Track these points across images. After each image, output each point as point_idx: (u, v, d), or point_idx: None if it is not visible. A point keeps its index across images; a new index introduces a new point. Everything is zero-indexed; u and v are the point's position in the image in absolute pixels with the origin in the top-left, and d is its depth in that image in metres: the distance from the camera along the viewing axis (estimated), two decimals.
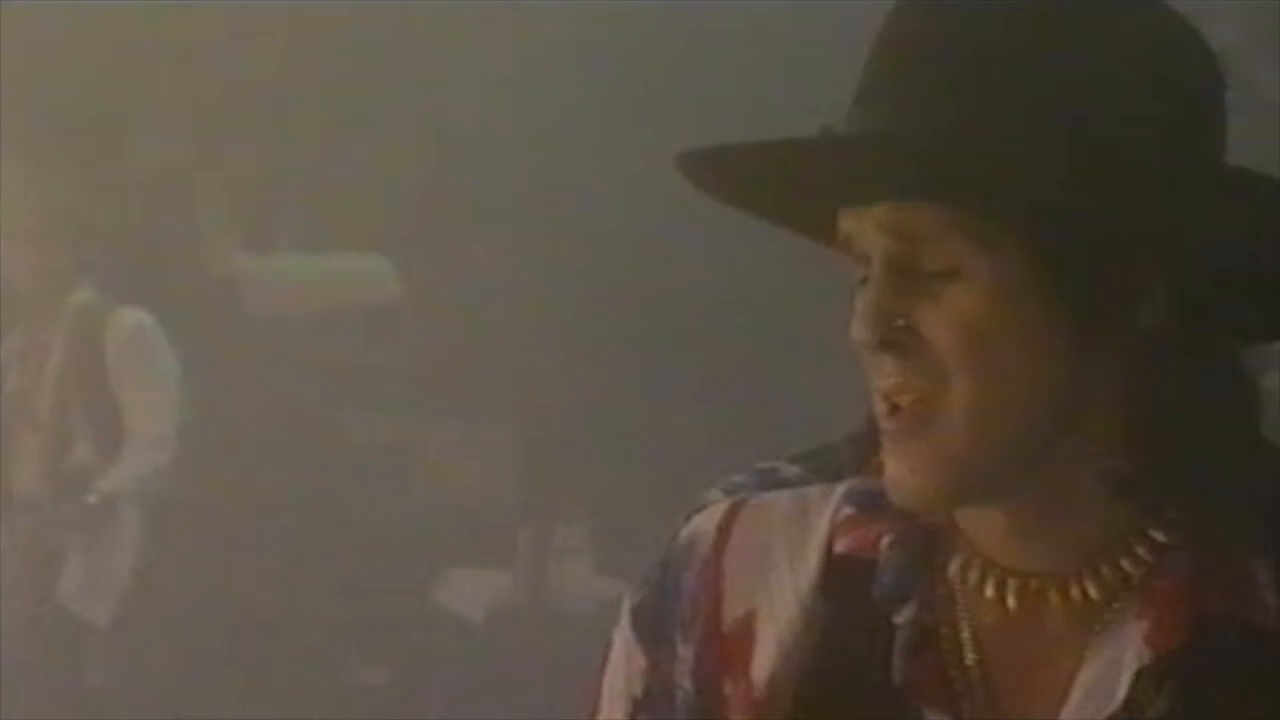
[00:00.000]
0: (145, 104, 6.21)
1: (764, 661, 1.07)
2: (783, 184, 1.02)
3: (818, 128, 1.00)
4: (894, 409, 0.98)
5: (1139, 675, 0.98)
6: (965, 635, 1.03)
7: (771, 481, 1.10)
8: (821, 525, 1.07)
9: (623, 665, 1.12)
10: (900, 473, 0.99)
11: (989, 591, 1.02)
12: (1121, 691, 0.98)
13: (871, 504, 1.04)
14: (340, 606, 5.83)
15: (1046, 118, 0.95)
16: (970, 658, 1.03)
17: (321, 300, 6.47)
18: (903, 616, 1.03)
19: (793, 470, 1.10)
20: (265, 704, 5.54)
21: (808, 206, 1.02)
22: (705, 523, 1.11)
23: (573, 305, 6.10)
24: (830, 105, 1.02)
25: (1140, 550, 1.00)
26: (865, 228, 0.99)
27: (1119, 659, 0.99)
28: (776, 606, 1.08)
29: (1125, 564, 1.00)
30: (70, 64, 6.14)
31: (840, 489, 1.07)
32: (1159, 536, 1.00)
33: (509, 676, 5.59)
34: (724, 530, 1.10)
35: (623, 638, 1.12)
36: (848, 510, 1.06)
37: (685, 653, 1.09)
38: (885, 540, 1.04)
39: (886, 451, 1.00)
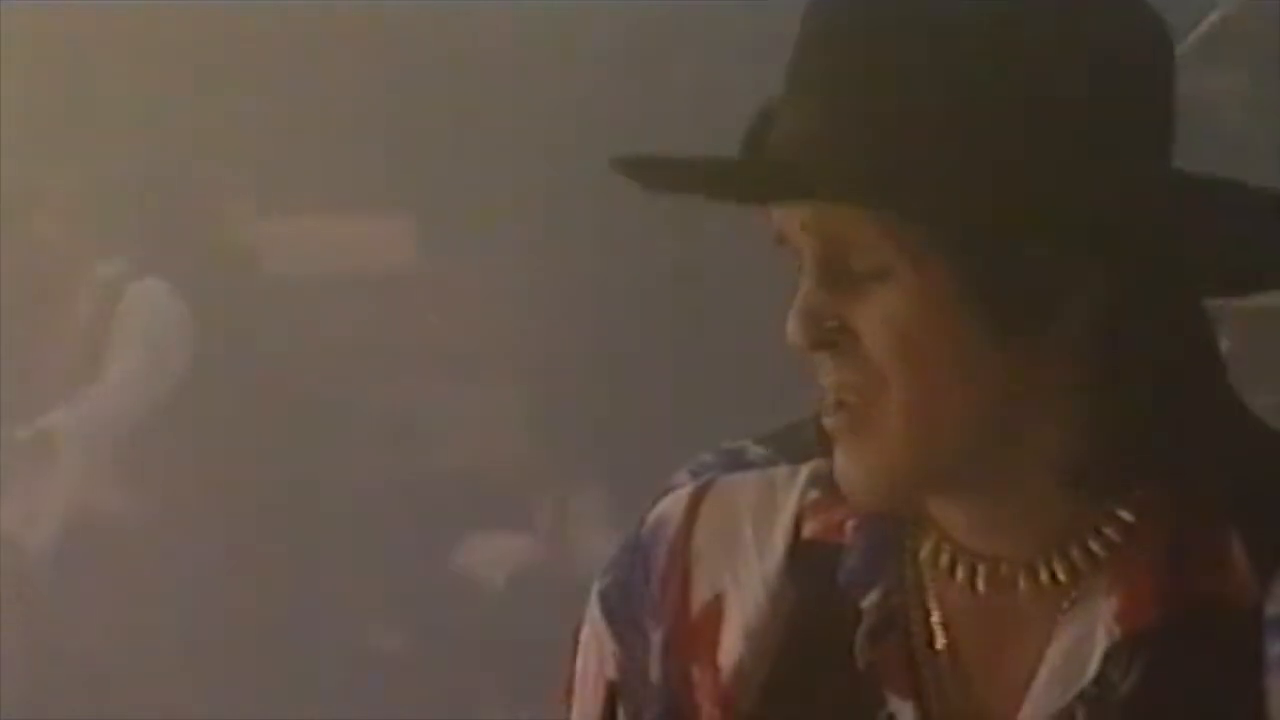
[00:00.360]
0: (167, 70, 6.23)
1: (731, 648, 1.06)
2: (711, 189, 1.00)
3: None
4: (839, 404, 0.96)
5: (1109, 652, 0.97)
6: (935, 620, 1.01)
7: (738, 462, 1.08)
8: (788, 508, 1.05)
9: (594, 649, 1.11)
10: (846, 468, 0.98)
11: (959, 576, 1.00)
12: (1092, 668, 0.97)
13: (838, 487, 1.02)
14: (358, 572, 5.86)
15: (967, 122, 0.92)
16: (940, 642, 1.01)
17: (341, 263, 6.47)
18: (868, 601, 1.01)
19: (759, 451, 1.09)
20: (283, 671, 5.58)
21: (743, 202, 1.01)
22: (672, 506, 1.09)
23: (592, 271, 6.11)
24: None
25: (1109, 531, 0.98)
26: (793, 226, 0.97)
27: (1089, 636, 0.98)
28: (744, 591, 1.06)
29: (1094, 546, 0.98)
30: (93, 34, 6.17)
31: (805, 471, 1.05)
32: (1127, 517, 0.98)
33: (528, 641, 5.60)
34: (691, 513, 1.08)
35: (592, 623, 1.11)
36: (814, 493, 1.04)
37: (656, 639, 1.08)
38: (850, 524, 1.02)
39: (835, 446, 0.98)
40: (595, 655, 1.10)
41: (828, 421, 0.97)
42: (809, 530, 1.04)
